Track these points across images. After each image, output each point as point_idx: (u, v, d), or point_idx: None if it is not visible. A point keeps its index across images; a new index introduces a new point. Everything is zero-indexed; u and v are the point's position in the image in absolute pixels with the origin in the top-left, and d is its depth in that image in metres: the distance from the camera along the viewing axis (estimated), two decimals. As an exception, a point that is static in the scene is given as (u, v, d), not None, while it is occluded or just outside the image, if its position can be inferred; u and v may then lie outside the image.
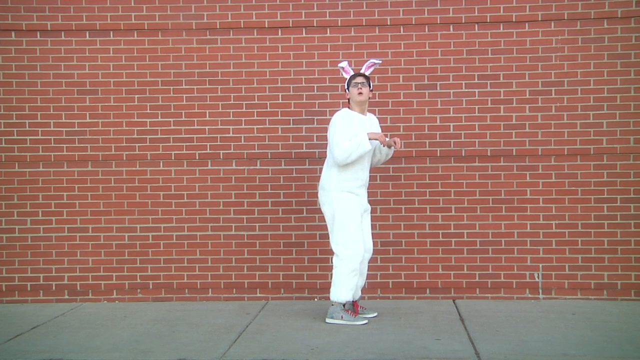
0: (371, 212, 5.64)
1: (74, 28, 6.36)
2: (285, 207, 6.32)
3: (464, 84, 6.22)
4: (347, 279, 5.32)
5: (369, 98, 5.48)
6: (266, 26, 6.32)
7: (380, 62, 5.60)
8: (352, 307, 5.47)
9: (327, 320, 5.39)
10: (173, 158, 6.36)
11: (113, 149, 6.37)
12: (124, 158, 6.37)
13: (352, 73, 5.48)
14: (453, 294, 6.23)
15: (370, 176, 6.26)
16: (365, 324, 5.33)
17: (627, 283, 6.09)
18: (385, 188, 6.26)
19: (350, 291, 5.34)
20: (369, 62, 5.52)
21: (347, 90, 5.47)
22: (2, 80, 6.38)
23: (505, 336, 4.96)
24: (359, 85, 5.39)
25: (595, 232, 6.12)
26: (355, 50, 6.28)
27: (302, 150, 6.29)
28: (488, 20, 6.21)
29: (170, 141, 6.36)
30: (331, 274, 5.51)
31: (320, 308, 5.88)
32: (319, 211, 5.79)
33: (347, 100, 5.53)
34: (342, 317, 5.34)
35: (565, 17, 6.15)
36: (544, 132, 6.17)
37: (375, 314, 5.56)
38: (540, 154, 6.17)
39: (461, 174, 6.23)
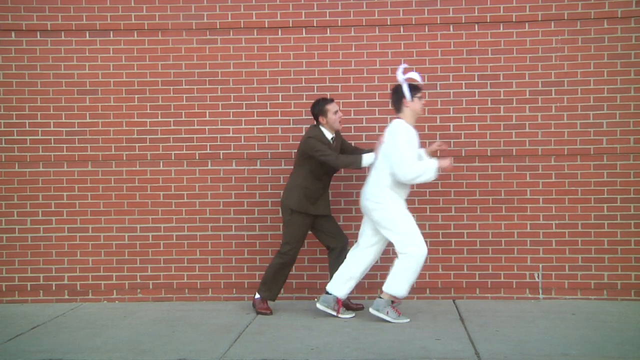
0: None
1: (74, 28, 6.36)
2: (285, 207, 6.31)
3: (464, 84, 6.22)
4: (412, 277, 5.30)
5: None
6: (266, 26, 6.32)
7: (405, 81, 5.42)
8: (336, 304, 5.54)
9: (372, 311, 5.37)
10: (173, 158, 6.36)
11: (113, 149, 6.37)
12: (124, 158, 6.37)
13: (419, 81, 5.38)
14: (453, 294, 6.23)
15: (370, 176, 6.28)
16: (409, 321, 5.33)
17: (627, 283, 6.09)
18: (385, 188, 6.25)
19: (409, 288, 5.33)
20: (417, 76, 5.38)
21: (407, 97, 5.33)
22: (2, 80, 6.39)
23: (505, 336, 4.96)
24: (424, 101, 5.44)
25: (595, 232, 6.12)
26: (355, 50, 6.28)
27: (302, 150, 6.29)
28: (488, 20, 6.21)
29: (170, 141, 6.36)
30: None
31: (320, 308, 5.88)
32: (319, 211, 5.80)
33: (398, 110, 5.40)
34: (387, 313, 5.34)
35: (565, 17, 6.15)
36: (544, 132, 6.17)
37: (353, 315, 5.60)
38: (540, 154, 6.17)
39: (461, 174, 6.23)
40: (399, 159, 5.21)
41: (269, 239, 6.30)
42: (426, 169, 5.22)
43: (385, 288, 5.38)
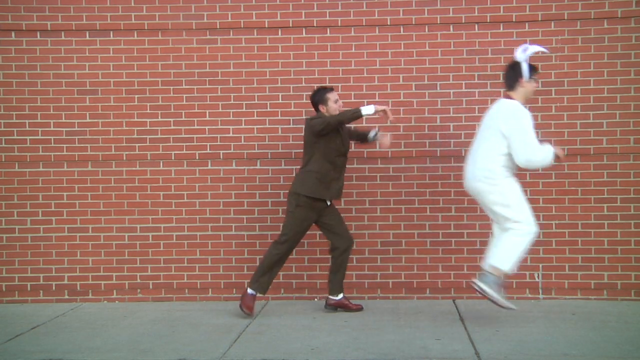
0: (370, 212, 5.61)
1: (74, 28, 6.36)
2: (285, 207, 6.30)
3: (464, 84, 6.22)
4: (518, 253, 5.07)
5: None
6: (266, 26, 6.32)
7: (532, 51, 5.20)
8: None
9: (479, 284, 5.06)
10: (173, 158, 6.36)
11: (113, 149, 6.37)
12: (124, 158, 6.37)
13: (544, 50, 5.26)
14: (453, 294, 6.24)
15: (369, 176, 6.28)
16: (514, 309, 5.14)
17: (627, 283, 6.09)
18: (385, 188, 6.26)
19: (514, 265, 5.09)
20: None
21: (524, 77, 5.14)
22: (2, 80, 6.39)
23: (505, 336, 4.96)
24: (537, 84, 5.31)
25: (595, 232, 6.12)
26: (355, 50, 6.28)
27: (301, 151, 6.27)
28: (488, 20, 6.21)
29: (170, 141, 6.36)
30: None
31: (320, 308, 5.87)
32: (319, 211, 5.80)
33: (511, 88, 5.21)
34: (495, 290, 5.04)
35: (565, 17, 6.16)
36: (544, 132, 6.15)
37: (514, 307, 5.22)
38: (540, 154, 6.17)
39: (461, 174, 6.21)
40: (525, 142, 5.01)
41: (269, 239, 6.30)
42: (546, 154, 5.05)
43: (490, 260, 5.11)
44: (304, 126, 5.70)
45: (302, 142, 5.72)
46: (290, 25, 6.31)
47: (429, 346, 4.75)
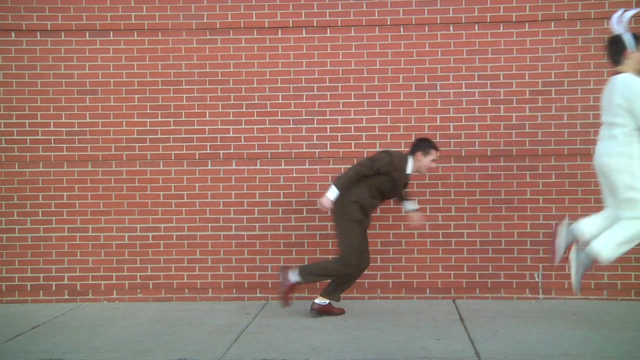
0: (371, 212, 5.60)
1: (74, 28, 6.36)
2: (285, 207, 6.32)
3: (464, 84, 6.22)
4: (623, 245, 4.88)
5: None
6: (266, 26, 6.32)
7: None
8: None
9: (576, 253, 4.97)
10: (173, 158, 6.37)
11: (113, 149, 6.37)
12: (124, 158, 6.37)
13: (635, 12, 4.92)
14: (453, 294, 6.24)
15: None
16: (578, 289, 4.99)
17: (627, 283, 6.09)
18: (385, 188, 6.26)
19: (612, 256, 4.87)
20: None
21: (630, 47, 4.81)
22: (2, 80, 6.39)
23: (505, 336, 4.96)
24: None
25: (595, 232, 6.12)
26: (355, 50, 6.28)
27: (302, 150, 6.29)
28: (488, 20, 6.21)
29: (170, 141, 6.36)
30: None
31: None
32: (319, 211, 5.81)
33: (618, 63, 4.89)
34: (585, 269, 4.94)
35: (565, 17, 6.16)
36: (544, 132, 6.17)
37: None
38: (540, 154, 6.17)
39: (461, 174, 6.23)
40: None
41: (269, 239, 6.31)
42: None
43: (593, 243, 4.93)
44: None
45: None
46: (290, 25, 6.31)
47: (429, 346, 4.75)
